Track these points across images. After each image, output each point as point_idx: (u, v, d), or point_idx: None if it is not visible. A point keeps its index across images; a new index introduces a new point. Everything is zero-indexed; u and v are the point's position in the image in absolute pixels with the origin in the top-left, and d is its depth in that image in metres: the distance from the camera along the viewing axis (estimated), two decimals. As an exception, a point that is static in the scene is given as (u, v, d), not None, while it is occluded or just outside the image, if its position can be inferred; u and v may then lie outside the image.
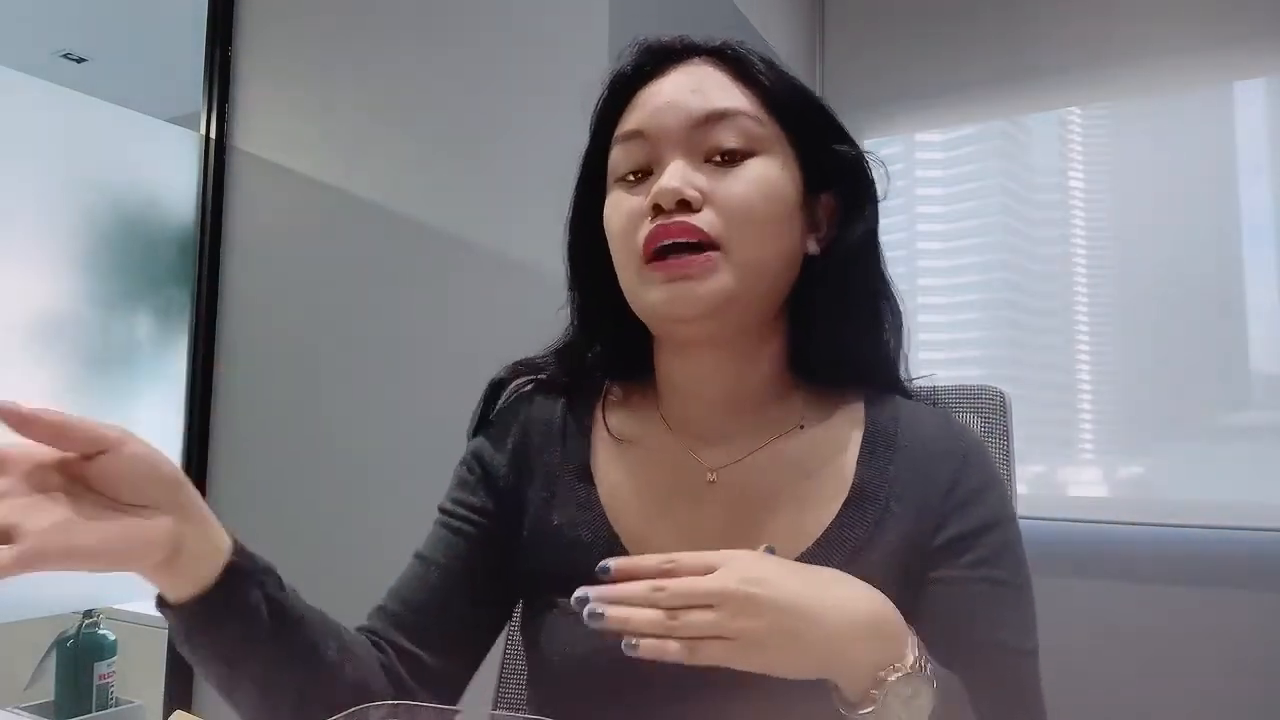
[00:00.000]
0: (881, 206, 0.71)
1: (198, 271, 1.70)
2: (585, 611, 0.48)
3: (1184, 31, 2.00)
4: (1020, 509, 0.72)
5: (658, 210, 0.60)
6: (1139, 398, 2.01)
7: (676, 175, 0.60)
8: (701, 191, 0.60)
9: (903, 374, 0.71)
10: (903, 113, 2.31)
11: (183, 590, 0.55)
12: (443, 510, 0.72)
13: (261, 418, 1.65)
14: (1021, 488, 2.09)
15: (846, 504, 0.63)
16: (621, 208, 0.63)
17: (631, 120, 0.64)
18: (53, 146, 1.48)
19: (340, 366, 1.57)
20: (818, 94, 0.69)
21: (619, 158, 0.65)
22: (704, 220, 0.60)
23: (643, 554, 0.61)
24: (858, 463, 0.65)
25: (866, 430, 0.66)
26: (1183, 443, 1.96)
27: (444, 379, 1.42)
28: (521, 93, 1.41)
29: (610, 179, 0.66)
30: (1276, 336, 1.88)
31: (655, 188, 0.60)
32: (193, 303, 1.70)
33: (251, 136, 1.72)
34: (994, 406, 0.86)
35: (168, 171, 1.68)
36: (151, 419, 1.63)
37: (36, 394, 1.45)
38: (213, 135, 1.72)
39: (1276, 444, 1.86)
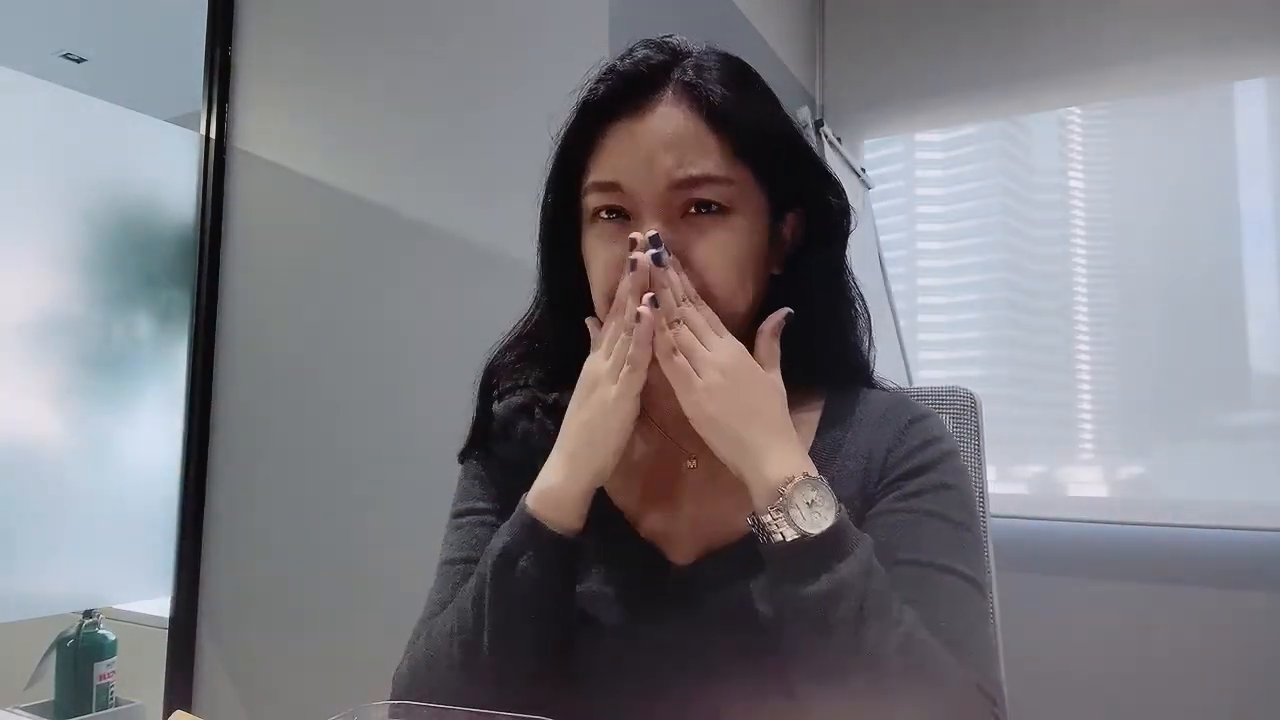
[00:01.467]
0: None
1: (198, 271, 1.70)
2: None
3: (1184, 31, 2.01)
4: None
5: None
6: (1139, 398, 2.01)
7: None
8: (679, 252, 0.65)
9: (872, 370, 0.75)
10: (903, 113, 2.32)
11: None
12: (460, 514, 0.74)
13: (261, 418, 1.65)
14: (1021, 488, 2.10)
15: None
16: (600, 255, 0.67)
17: (606, 169, 0.66)
18: (53, 146, 1.48)
19: (340, 366, 1.57)
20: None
21: (595, 199, 0.67)
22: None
23: (640, 530, 0.70)
24: (815, 434, 0.71)
25: (826, 406, 0.73)
26: (1183, 443, 1.96)
27: (444, 378, 1.42)
28: (521, 93, 1.41)
29: (587, 213, 0.68)
30: (1276, 336, 1.88)
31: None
32: (193, 303, 1.70)
33: (251, 136, 1.72)
34: (963, 407, 0.88)
35: (168, 171, 1.68)
36: (151, 419, 1.63)
37: (37, 394, 1.45)
38: (213, 135, 1.72)
39: (1276, 444, 1.86)
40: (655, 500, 0.72)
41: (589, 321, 0.69)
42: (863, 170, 2.25)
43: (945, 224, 2.26)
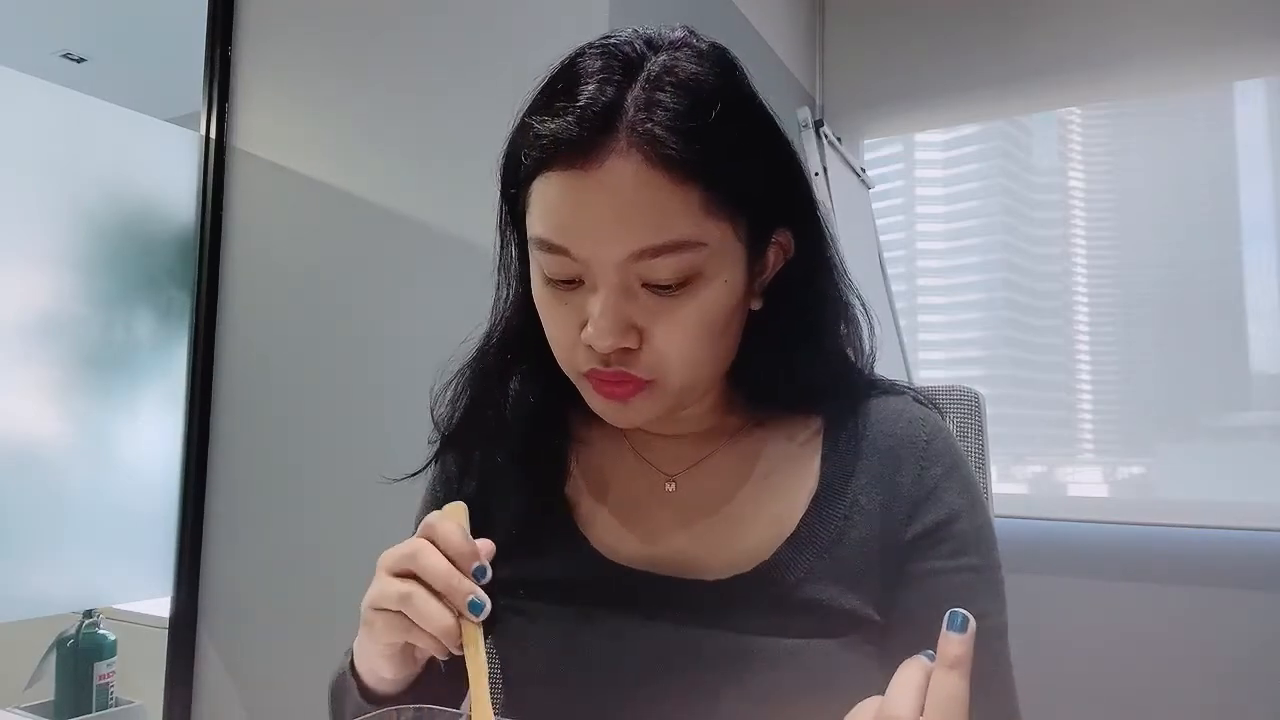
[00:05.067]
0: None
1: (198, 271, 1.70)
2: None
3: (1184, 31, 2.01)
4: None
5: (591, 350, 0.56)
6: (1139, 398, 2.01)
7: (612, 324, 0.54)
8: (638, 329, 0.55)
9: (870, 372, 0.69)
10: (903, 113, 2.31)
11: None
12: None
13: (261, 418, 1.65)
14: (1021, 488, 2.10)
15: (814, 501, 0.63)
16: (553, 313, 0.58)
17: (552, 228, 0.55)
18: (53, 146, 1.48)
19: (340, 367, 1.57)
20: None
21: (542, 259, 0.57)
22: (641, 364, 0.56)
23: (613, 558, 0.63)
24: (821, 459, 0.64)
25: (828, 428, 0.66)
26: (1183, 443, 1.96)
27: (445, 378, 1.42)
28: (521, 93, 1.41)
29: (532, 257, 0.59)
30: (1276, 336, 1.88)
31: (589, 330, 0.55)
32: (193, 303, 1.70)
33: (251, 136, 1.72)
34: (967, 406, 0.86)
35: (168, 171, 1.67)
36: (151, 419, 1.63)
37: (36, 394, 1.45)
38: (213, 135, 1.72)
39: (1276, 444, 1.86)
40: (632, 530, 0.65)
41: None
42: (863, 170, 2.25)
43: (945, 224, 2.26)
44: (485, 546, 0.54)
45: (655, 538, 0.64)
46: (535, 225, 0.56)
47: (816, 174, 1.89)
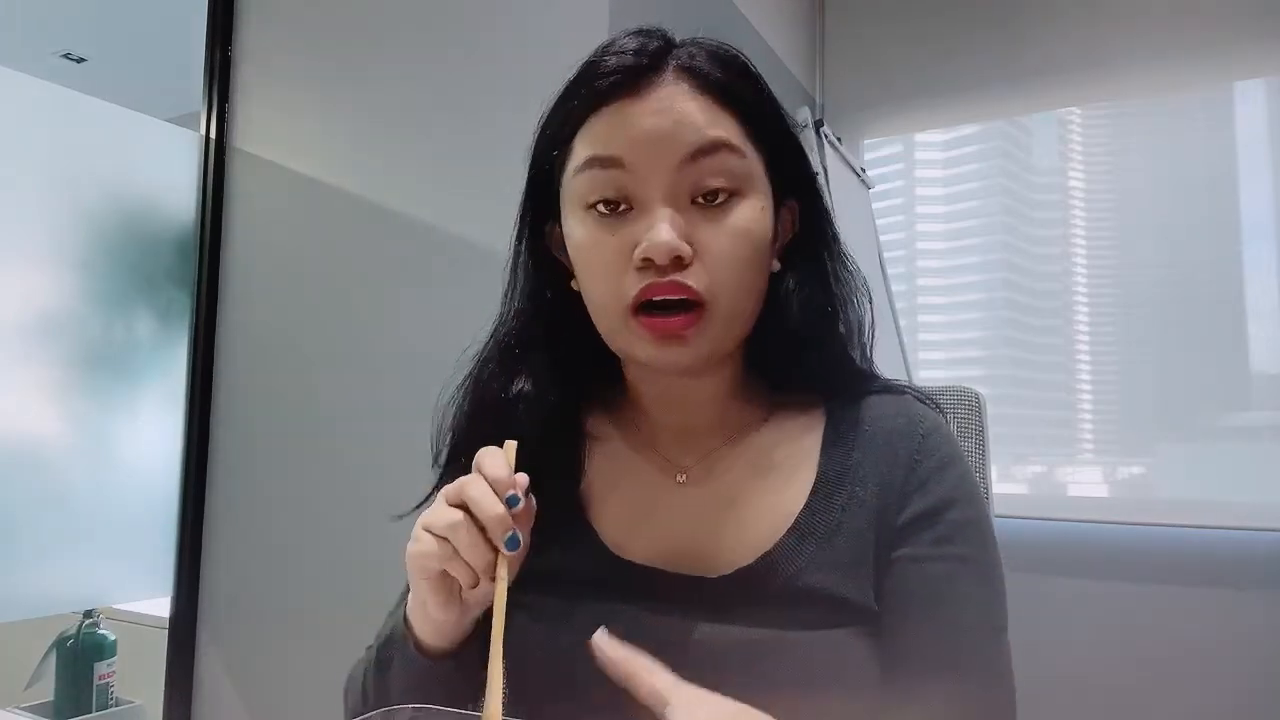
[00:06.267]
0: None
1: (198, 271, 1.70)
2: None
3: (1184, 31, 2.01)
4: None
5: (648, 263, 0.58)
6: (1139, 398, 2.01)
7: (671, 230, 0.58)
8: (692, 244, 0.59)
9: (872, 366, 0.71)
10: (903, 113, 2.32)
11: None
12: None
13: (262, 418, 1.65)
14: (1022, 488, 2.11)
15: (813, 493, 0.64)
16: (602, 249, 0.60)
17: (609, 144, 0.59)
18: (53, 146, 1.48)
19: (340, 367, 1.57)
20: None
21: (587, 183, 0.60)
22: (695, 277, 0.59)
23: (620, 553, 0.65)
24: (821, 452, 0.66)
25: (828, 421, 0.67)
26: (1183, 443, 1.96)
27: (445, 379, 1.42)
28: (521, 93, 1.41)
29: (574, 202, 0.62)
30: (1276, 336, 1.88)
31: (648, 241, 0.58)
32: (193, 303, 1.70)
33: (251, 136, 1.72)
34: (968, 406, 0.87)
35: (168, 171, 1.67)
36: (151, 419, 1.63)
37: (36, 394, 1.45)
38: (213, 135, 1.72)
39: (1276, 444, 1.86)
40: (642, 523, 0.66)
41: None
42: (863, 170, 2.25)
43: (945, 224, 2.26)
44: (521, 479, 0.57)
45: (664, 532, 0.65)
46: (584, 152, 0.61)
47: (816, 174, 1.89)
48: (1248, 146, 1.95)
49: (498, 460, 0.57)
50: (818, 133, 1.92)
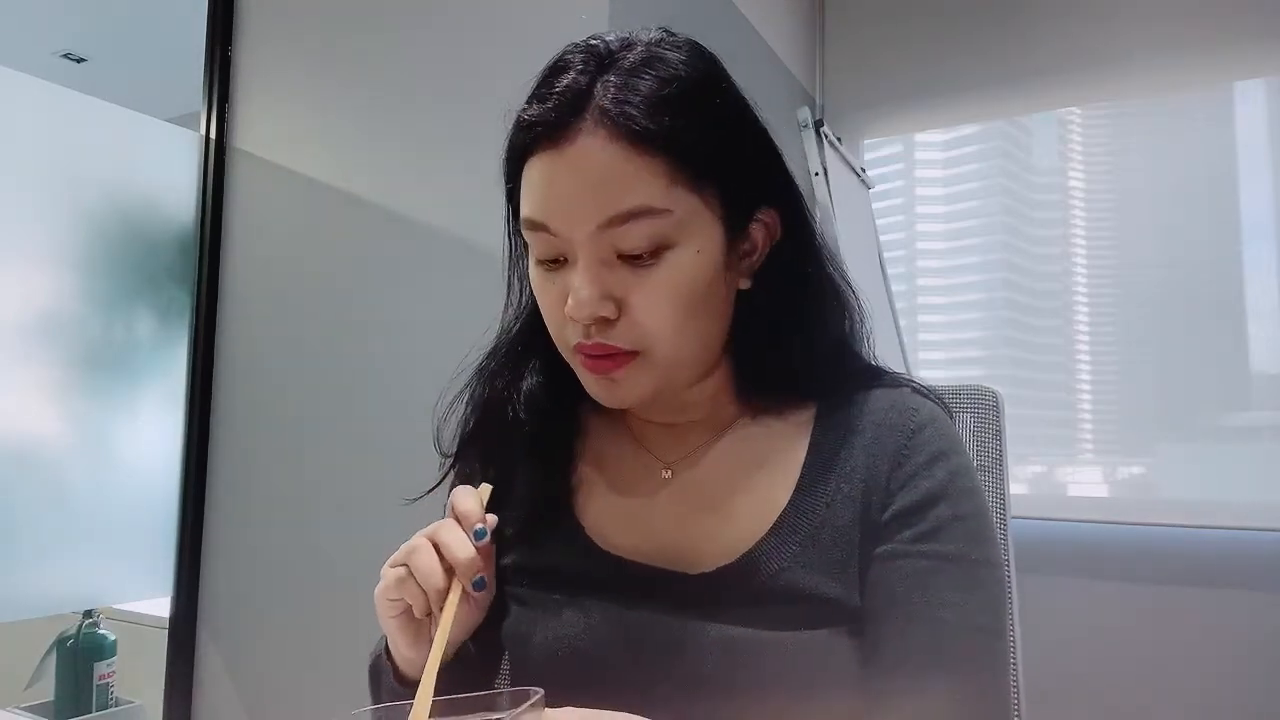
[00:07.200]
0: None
1: (198, 271, 1.70)
2: None
3: (1184, 31, 2.01)
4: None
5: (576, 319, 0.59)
6: (1139, 398, 2.01)
7: (589, 294, 0.57)
8: (616, 300, 0.58)
9: (869, 359, 0.70)
10: (903, 113, 2.32)
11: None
12: None
13: (261, 418, 1.65)
14: (1021, 488, 2.10)
15: (798, 490, 0.63)
16: (545, 296, 0.61)
17: (535, 207, 0.59)
18: (53, 146, 1.48)
19: (340, 367, 1.57)
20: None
21: (528, 237, 0.61)
22: (621, 335, 0.59)
23: (605, 547, 0.65)
24: (808, 450, 0.65)
25: (818, 418, 0.66)
26: (1183, 443, 1.96)
27: (445, 378, 1.42)
28: (523, 95, 1.41)
29: (525, 240, 0.63)
30: (1276, 336, 1.88)
31: (571, 301, 0.58)
32: (193, 303, 1.70)
33: (251, 136, 1.72)
34: (987, 406, 0.86)
35: (168, 171, 1.67)
36: (151, 419, 1.63)
37: (36, 394, 1.45)
38: (213, 135, 1.72)
39: (1276, 444, 1.86)
40: (627, 517, 0.66)
41: None
42: (863, 170, 2.25)
43: (945, 224, 2.26)
44: (491, 519, 0.60)
45: (648, 527, 0.65)
46: (523, 208, 0.60)
47: (816, 174, 1.89)
48: (1248, 146, 1.95)
49: (471, 500, 0.60)
50: (818, 133, 1.92)
